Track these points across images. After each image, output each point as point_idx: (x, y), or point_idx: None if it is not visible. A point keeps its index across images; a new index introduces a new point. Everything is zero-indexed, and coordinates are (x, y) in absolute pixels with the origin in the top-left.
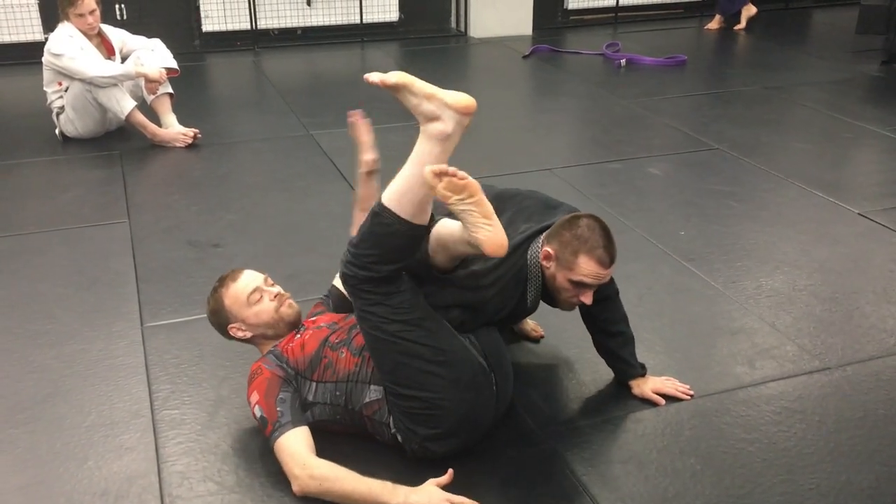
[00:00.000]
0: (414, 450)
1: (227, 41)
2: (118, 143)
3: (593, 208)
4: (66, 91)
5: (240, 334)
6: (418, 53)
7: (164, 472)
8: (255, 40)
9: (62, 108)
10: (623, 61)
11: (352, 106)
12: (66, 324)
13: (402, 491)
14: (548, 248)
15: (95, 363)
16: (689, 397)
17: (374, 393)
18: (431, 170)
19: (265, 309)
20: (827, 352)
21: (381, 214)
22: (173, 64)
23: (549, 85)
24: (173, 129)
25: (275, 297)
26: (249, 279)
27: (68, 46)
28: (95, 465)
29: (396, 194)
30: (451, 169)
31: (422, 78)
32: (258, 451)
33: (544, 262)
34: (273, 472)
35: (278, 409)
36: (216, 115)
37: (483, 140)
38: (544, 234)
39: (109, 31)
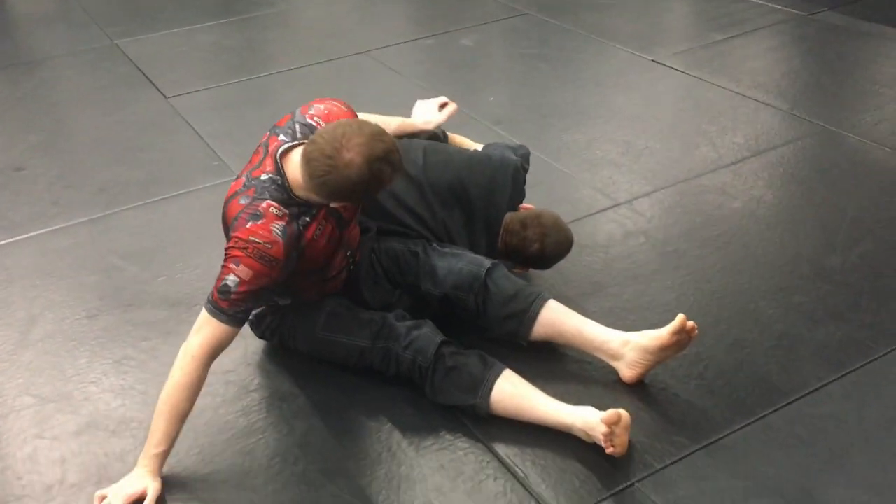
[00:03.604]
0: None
1: None
2: None
3: (408, 85)
4: None
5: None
6: None
7: None
8: None
9: None
10: None
11: (157, 8)
12: None
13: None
14: None
15: None
16: None
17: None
18: (607, 419)
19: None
20: (617, 190)
21: (475, 405)
22: None
23: None
24: None
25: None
26: None
27: None
28: None
29: (510, 408)
30: (623, 415)
31: None
32: (73, 360)
33: None
34: (90, 378)
35: (245, 303)
36: (7, 32)
37: (298, 29)
38: None
39: None
